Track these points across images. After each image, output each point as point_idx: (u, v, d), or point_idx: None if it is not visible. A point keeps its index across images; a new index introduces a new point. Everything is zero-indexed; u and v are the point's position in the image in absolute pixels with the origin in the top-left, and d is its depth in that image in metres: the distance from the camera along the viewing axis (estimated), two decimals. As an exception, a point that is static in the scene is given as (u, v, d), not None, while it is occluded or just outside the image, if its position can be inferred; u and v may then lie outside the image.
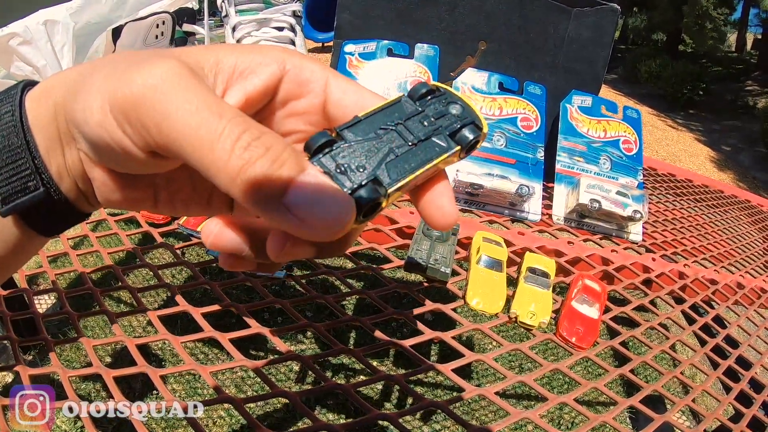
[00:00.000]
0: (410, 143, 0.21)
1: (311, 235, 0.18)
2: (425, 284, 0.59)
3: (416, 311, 0.55)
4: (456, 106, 0.22)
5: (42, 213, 0.24)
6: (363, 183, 0.19)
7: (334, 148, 0.20)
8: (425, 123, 0.21)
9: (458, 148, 0.21)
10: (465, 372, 1.53)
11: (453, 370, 0.50)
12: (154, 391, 1.46)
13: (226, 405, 0.45)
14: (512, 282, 0.62)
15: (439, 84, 0.23)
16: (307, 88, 0.23)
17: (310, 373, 1.56)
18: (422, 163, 0.20)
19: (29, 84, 0.24)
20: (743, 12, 13.26)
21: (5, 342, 0.50)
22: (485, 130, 0.22)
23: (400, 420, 0.43)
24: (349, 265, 0.62)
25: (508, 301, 0.57)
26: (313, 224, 0.17)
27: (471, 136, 0.21)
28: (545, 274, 0.60)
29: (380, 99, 0.23)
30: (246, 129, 0.18)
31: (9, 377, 1.22)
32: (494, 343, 0.55)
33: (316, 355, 0.50)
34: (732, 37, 14.05)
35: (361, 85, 0.23)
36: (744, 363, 0.66)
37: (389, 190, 0.19)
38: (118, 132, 0.19)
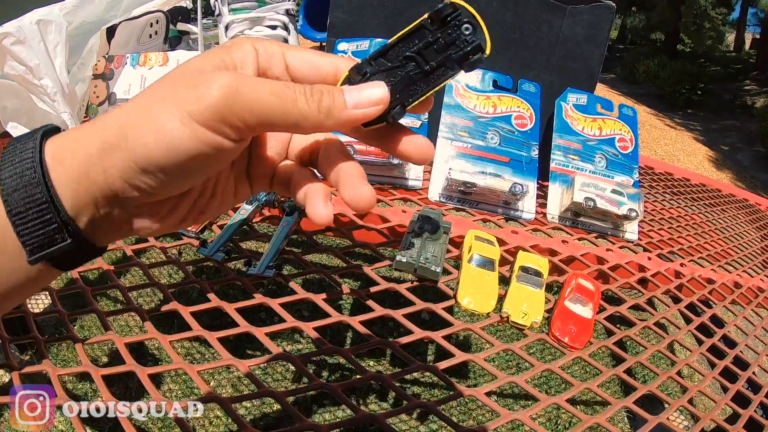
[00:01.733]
0: (425, 70, 0.27)
1: (372, 113, 0.27)
2: (416, 283, 0.58)
3: (408, 310, 0.55)
4: (469, 26, 0.26)
5: (66, 257, 0.27)
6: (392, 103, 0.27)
7: (368, 73, 0.28)
8: (438, 51, 0.27)
9: (462, 71, 0.27)
10: (461, 371, 1.52)
11: (443, 370, 0.49)
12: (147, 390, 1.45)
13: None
14: (505, 281, 0.61)
15: (456, 1, 0.27)
16: (272, 60, 0.29)
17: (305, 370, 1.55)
18: (433, 85, 0.27)
19: (47, 133, 0.26)
20: (742, 12, 13.28)
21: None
22: (488, 52, 0.27)
23: (388, 420, 0.42)
24: (342, 264, 0.61)
25: (500, 300, 0.57)
26: (371, 102, 0.27)
27: (473, 59, 0.27)
28: (538, 273, 0.60)
29: (325, 55, 0.29)
30: (303, 87, 0.26)
31: (6, 377, 1.21)
32: (488, 343, 0.54)
33: (306, 355, 0.49)
34: (730, 37, 14.08)
35: (310, 50, 0.30)
36: (741, 363, 0.65)
37: (407, 108, 0.28)
38: (208, 133, 0.24)
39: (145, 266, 0.60)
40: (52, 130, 0.27)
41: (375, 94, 0.27)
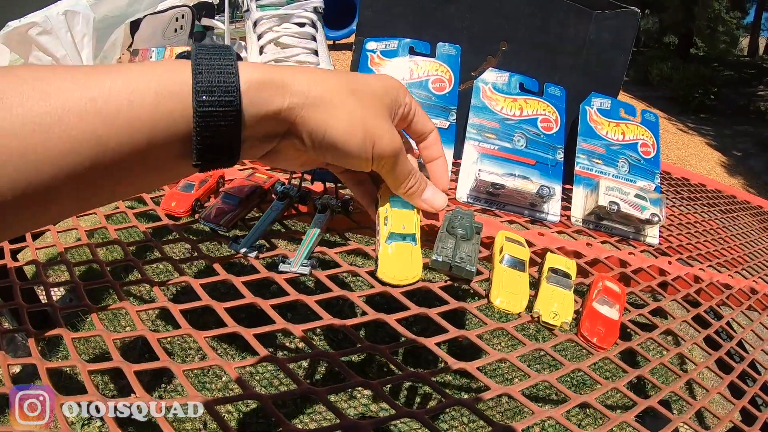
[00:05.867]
0: None
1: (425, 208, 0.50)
2: (449, 282, 0.59)
3: (440, 309, 0.56)
4: None
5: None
6: None
7: None
8: None
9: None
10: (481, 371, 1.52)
11: (478, 369, 0.50)
12: (162, 386, 1.47)
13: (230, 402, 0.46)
14: (533, 282, 0.62)
15: None
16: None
17: (318, 369, 1.57)
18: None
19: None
20: (756, 16, 13.20)
21: (16, 334, 0.50)
22: None
23: (427, 417, 0.43)
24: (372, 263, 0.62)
25: (531, 300, 0.58)
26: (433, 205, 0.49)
27: None
28: (567, 275, 0.60)
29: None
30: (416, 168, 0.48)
31: (17, 368, 1.22)
32: (508, 343, 0.55)
33: (340, 352, 0.50)
34: (744, 41, 13.97)
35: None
36: (756, 367, 0.66)
37: None
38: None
39: (176, 261, 0.61)
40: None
41: (438, 201, 0.48)
